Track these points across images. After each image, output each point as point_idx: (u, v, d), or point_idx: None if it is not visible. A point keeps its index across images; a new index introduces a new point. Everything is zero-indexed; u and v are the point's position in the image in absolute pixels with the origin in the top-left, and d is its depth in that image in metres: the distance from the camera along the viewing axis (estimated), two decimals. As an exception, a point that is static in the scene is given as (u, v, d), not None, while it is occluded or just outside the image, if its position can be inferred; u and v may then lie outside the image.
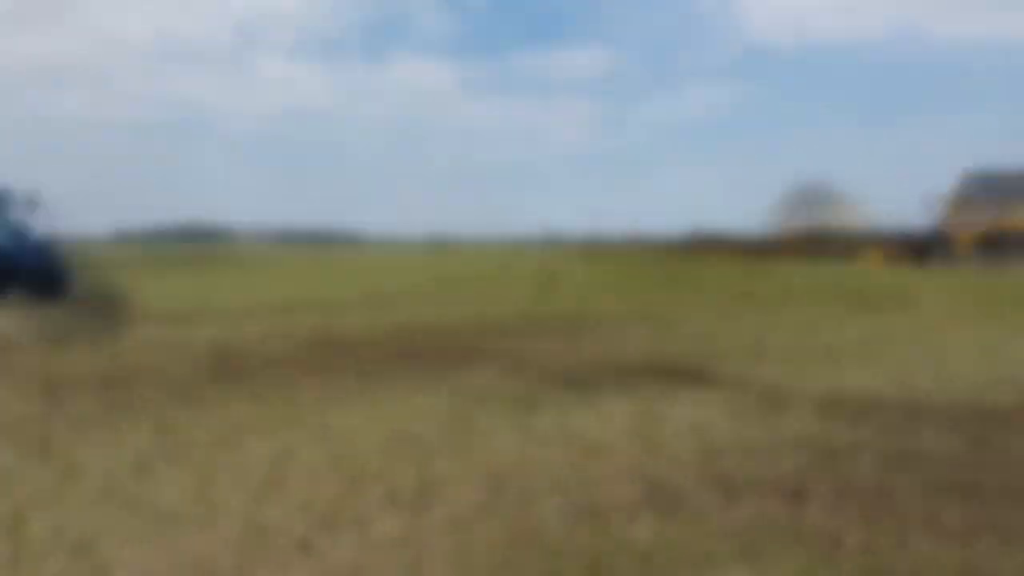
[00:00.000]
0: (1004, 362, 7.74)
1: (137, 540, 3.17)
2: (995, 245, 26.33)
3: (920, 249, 30.40)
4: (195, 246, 68.02)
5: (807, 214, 48.07)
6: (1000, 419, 5.30)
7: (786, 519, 3.36)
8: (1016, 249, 25.32)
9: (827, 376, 7.04)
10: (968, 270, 24.06)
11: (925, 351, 8.42)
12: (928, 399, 6.01)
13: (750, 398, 6.05)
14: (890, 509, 3.55)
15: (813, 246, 37.27)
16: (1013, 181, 27.92)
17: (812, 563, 2.84)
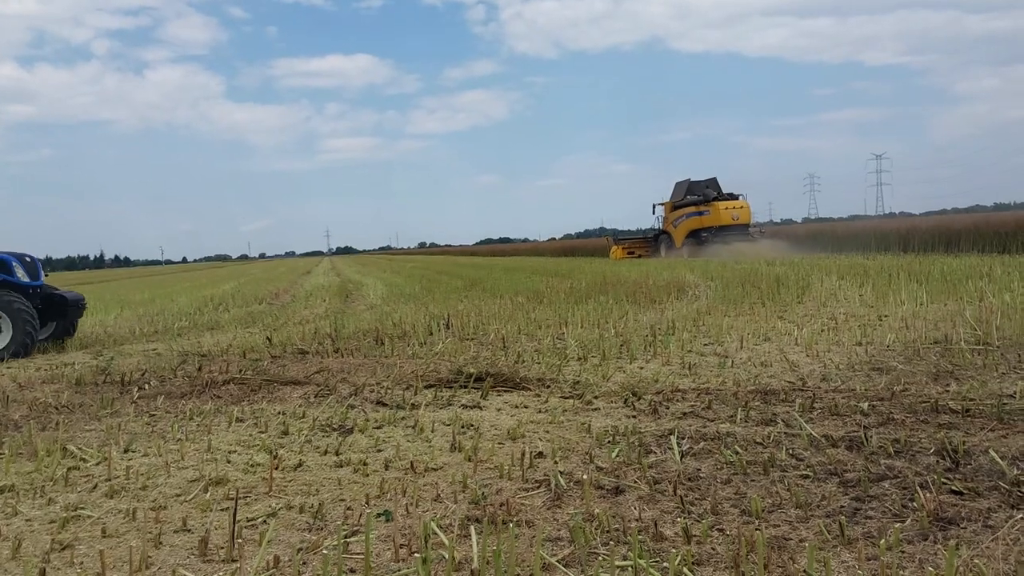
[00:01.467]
0: (767, 344, 8.54)
1: None
2: (696, 238, 35.34)
3: (654, 245, 39.15)
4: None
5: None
6: (778, 399, 5.81)
7: (609, 517, 3.45)
8: (707, 239, 34.41)
9: (625, 369, 7.41)
10: (690, 259, 31.07)
11: (704, 339, 9.12)
12: (716, 385, 6.49)
13: (559, 399, 6.22)
14: (701, 494, 3.77)
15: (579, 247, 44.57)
16: (703, 188, 37.07)
17: (638, 559, 2.92)
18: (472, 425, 5.43)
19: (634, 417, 5.56)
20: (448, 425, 5.48)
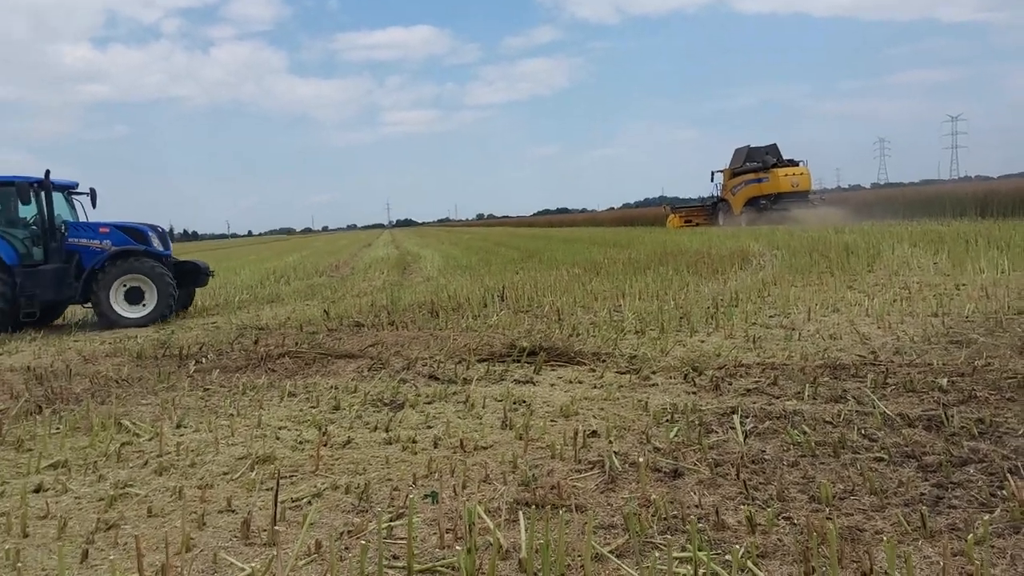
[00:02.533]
0: (836, 315, 8.14)
1: None
2: (754, 206, 34.14)
3: (712, 213, 37.88)
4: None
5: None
6: (849, 374, 5.49)
7: (666, 503, 3.25)
8: (766, 207, 33.28)
9: (685, 343, 7.14)
10: (750, 227, 29.63)
11: (770, 310, 8.75)
12: (782, 359, 6.18)
13: (615, 374, 6.01)
14: (766, 478, 3.53)
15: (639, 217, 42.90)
16: (763, 154, 35.84)
17: (698, 551, 2.71)
18: (524, 401, 5.27)
19: (694, 394, 5.31)
20: (500, 401, 5.32)
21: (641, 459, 3.81)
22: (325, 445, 4.47)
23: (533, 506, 3.30)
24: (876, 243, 16.29)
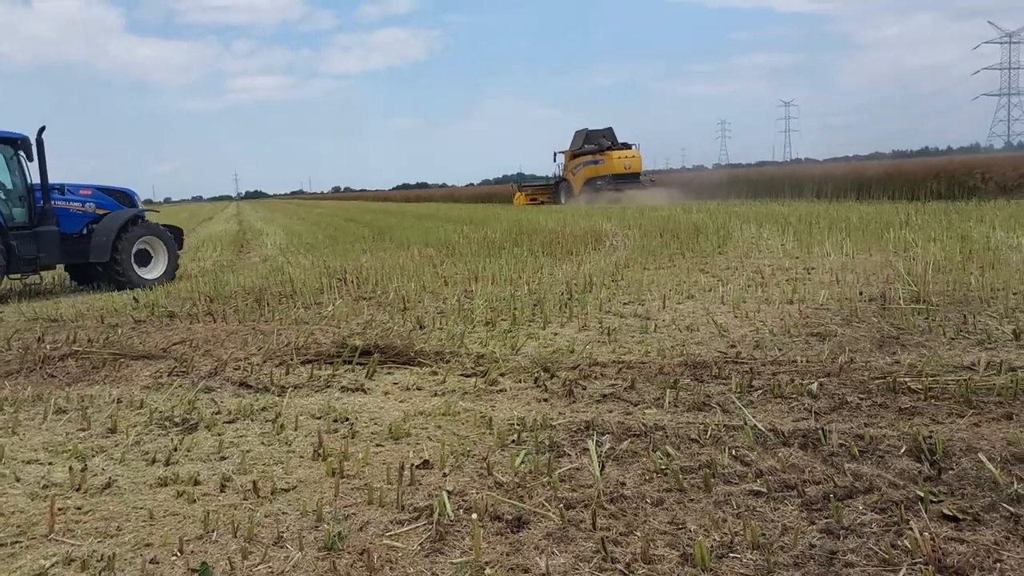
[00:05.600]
0: (691, 302, 7.78)
1: None
2: (591, 186, 36.03)
3: (555, 192, 39.59)
4: None
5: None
6: (710, 374, 5.00)
7: (505, 571, 2.54)
8: (602, 187, 35.14)
9: (538, 336, 6.51)
10: (589, 206, 31.33)
11: (624, 296, 8.30)
12: (638, 355, 5.65)
13: (459, 377, 5.26)
14: (627, 526, 2.88)
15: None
16: (600, 137, 37.84)
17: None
18: (347, 419, 4.42)
19: (546, 400, 4.66)
20: (318, 418, 4.46)
21: (479, 499, 3.09)
22: (78, 489, 3.46)
23: (331, 587, 2.50)
24: (724, 224, 16.42)
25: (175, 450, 3.98)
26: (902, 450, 3.49)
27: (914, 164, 30.36)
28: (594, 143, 37.65)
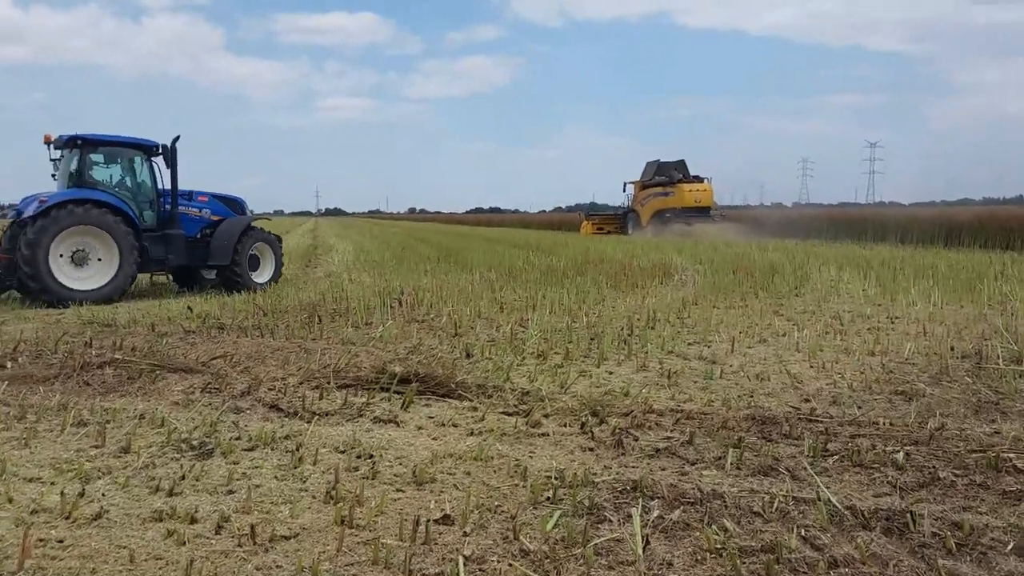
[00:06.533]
0: (762, 347, 7.20)
1: None
2: (660, 218, 35.57)
3: (622, 222, 39.02)
4: None
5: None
6: (780, 432, 4.46)
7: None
8: (670, 220, 34.58)
9: (591, 373, 6.05)
10: (656, 238, 30.83)
11: (689, 335, 7.76)
12: (700, 404, 5.14)
13: (500, 415, 4.85)
14: (669, 621, 2.41)
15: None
16: (671, 169, 37.36)
17: None
18: (371, 455, 4.05)
19: (591, 450, 4.20)
20: (341, 452, 4.10)
21: (500, 570, 2.66)
22: (67, 518, 3.17)
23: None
24: (802, 264, 15.64)
25: (183, 478, 3.67)
26: (1009, 547, 2.91)
27: (1009, 211, 28.71)
28: (665, 175, 37.29)
